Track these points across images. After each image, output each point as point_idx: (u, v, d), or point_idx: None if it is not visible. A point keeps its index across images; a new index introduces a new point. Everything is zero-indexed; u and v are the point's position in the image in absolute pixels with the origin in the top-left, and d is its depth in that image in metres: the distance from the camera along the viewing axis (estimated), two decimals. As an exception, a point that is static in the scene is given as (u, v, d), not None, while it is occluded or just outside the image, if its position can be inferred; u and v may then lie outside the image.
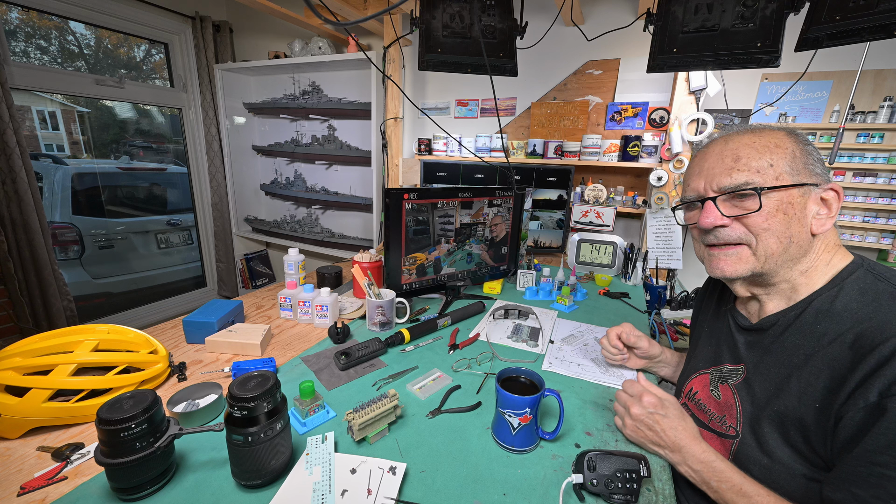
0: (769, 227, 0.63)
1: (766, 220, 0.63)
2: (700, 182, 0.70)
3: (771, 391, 0.64)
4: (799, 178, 0.63)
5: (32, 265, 2.09)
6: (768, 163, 0.63)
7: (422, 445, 0.71)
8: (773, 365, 0.65)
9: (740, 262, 0.67)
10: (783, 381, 0.62)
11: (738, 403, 0.68)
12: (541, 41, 1.77)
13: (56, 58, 2.42)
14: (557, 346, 1.10)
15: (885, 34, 0.87)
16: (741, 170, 0.64)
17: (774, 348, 0.66)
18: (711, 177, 0.68)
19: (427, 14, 1.19)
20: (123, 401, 0.58)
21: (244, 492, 0.61)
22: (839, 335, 0.58)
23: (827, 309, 0.61)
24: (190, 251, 3.21)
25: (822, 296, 0.63)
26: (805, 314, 0.64)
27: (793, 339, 0.64)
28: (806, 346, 0.61)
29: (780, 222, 0.63)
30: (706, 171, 0.69)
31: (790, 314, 0.66)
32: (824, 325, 0.60)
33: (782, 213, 0.63)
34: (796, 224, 0.63)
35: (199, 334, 1.05)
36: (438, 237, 1.33)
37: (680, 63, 1.13)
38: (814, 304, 0.63)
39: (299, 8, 2.30)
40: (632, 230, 2.16)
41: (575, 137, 2.07)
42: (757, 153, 0.64)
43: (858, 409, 0.52)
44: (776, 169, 0.63)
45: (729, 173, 0.65)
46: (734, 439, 0.67)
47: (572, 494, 0.63)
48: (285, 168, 2.96)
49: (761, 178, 0.63)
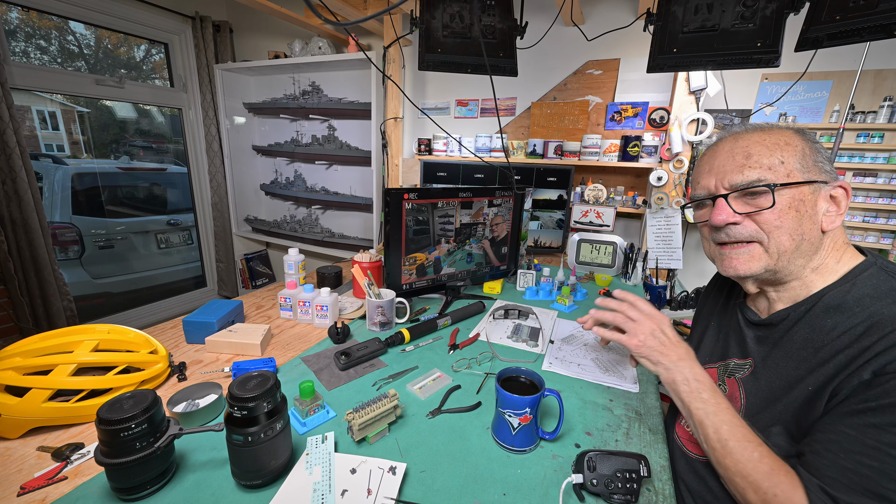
0: (781, 224, 0.63)
1: (779, 218, 0.63)
2: (711, 180, 0.69)
3: (776, 382, 0.64)
4: (809, 176, 0.63)
5: (32, 265, 2.09)
6: (779, 160, 0.63)
7: (422, 445, 0.71)
8: (780, 358, 0.66)
9: (753, 259, 0.67)
10: (791, 373, 0.63)
11: (743, 396, 0.69)
12: (541, 41, 1.77)
13: (56, 58, 2.42)
14: (557, 346, 1.10)
15: (885, 34, 0.87)
16: (753, 167, 0.64)
17: (783, 342, 0.67)
18: (723, 174, 0.67)
19: (427, 14, 1.19)
20: (123, 401, 0.58)
21: (244, 492, 0.61)
22: (850, 328, 0.58)
23: (838, 304, 0.62)
24: (190, 251, 3.21)
25: (834, 291, 0.63)
26: (815, 308, 0.64)
27: (802, 333, 0.64)
28: (816, 339, 0.62)
29: (792, 219, 0.63)
30: (717, 168, 0.69)
31: (800, 309, 0.66)
32: (835, 319, 0.61)
33: (794, 210, 0.63)
34: (808, 221, 0.63)
35: (199, 334, 1.05)
36: (438, 237, 1.33)
37: (680, 63, 1.13)
38: (825, 298, 0.64)
39: (299, 8, 2.30)
40: (632, 230, 2.16)
41: (575, 137, 2.07)
42: (768, 150, 0.64)
43: (852, 385, 0.54)
44: (787, 166, 0.63)
45: (741, 170, 0.65)
46: None
47: (572, 494, 0.62)
48: (285, 168, 2.96)
49: (773, 175, 0.63)
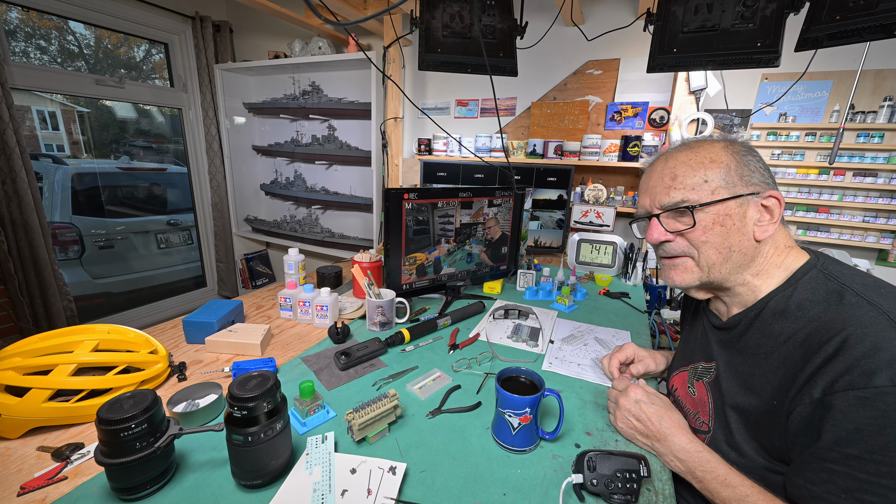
0: (707, 239, 0.66)
1: (704, 234, 0.66)
2: (646, 199, 0.74)
3: (736, 388, 0.66)
4: (735, 191, 0.65)
5: (32, 265, 2.09)
6: (702, 178, 0.66)
7: (422, 445, 0.71)
8: (739, 363, 0.68)
9: (687, 272, 0.71)
10: (748, 379, 0.65)
11: (710, 400, 0.71)
12: (541, 41, 1.77)
13: (56, 58, 2.42)
14: (557, 346, 1.10)
15: (885, 34, 0.87)
16: (677, 188, 0.68)
17: (740, 347, 0.69)
18: (654, 195, 0.71)
19: (427, 14, 1.19)
20: (123, 401, 0.58)
21: (244, 492, 0.61)
22: (792, 335, 0.60)
23: (783, 309, 0.63)
24: (190, 251, 3.21)
25: (778, 296, 0.65)
26: (763, 314, 0.66)
27: (755, 339, 0.66)
28: (765, 345, 0.64)
29: (717, 234, 0.66)
30: (650, 189, 0.73)
31: (750, 314, 0.68)
32: (780, 325, 0.62)
33: (719, 225, 0.65)
34: (736, 234, 0.65)
35: (199, 334, 1.05)
36: (438, 237, 1.33)
37: (680, 63, 1.13)
38: (770, 304, 0.65)
39: (299, 8, 2.30)
40: (631, 230, 2.16)
41: (575, 137, 2.07)
42: (692, 170, 0.67)
43: (805, 404, 0.54)
44: (711, 184, 0.66)
45: (667, 192, 0.69)
46: (707, 434, 0.70)
47: (572, 494, 0.63)
48: (285, 168, 2.96)
49: (696, 195, 0.66)
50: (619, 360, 0.92)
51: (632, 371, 0.92)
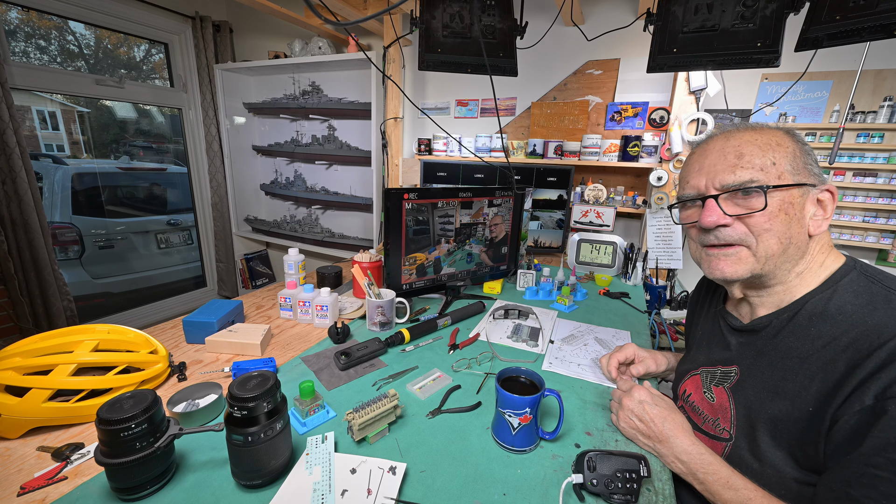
0: (771, 227, 0.62)
1: (769, 221, 0.62)
2: (701, 179, 0.67)
3: (765, 394, 0.63)
4: (799, 178, 0.62)
5: (32, 265, 2.09)
6: (771, 160, 0.62)
7: (422, 445, 0.71)
8: (766, 367, 0.65)
9: (740, 262, 0.65)
10: (778, 384, 0.62)
11: (733, 406, 0.68)
12: (541, 41, 1.77)
13: (56, 58, 2.42)
14: (557, 346, 1.10)
15: (885, 34, 0.87)
16: (745, 167, 0.62)
17: (769, 350, 0.65)
18: (714, 174, 0.65)
19: (427, 14, 1.19)
20: (123, 401, 0.58)
21: (244, 492, 0.61)
22: (834, 338, 0.57)
23: (821, 311, 0.61)
24: (190, 251, 3.21)
25: (816, 297, 0.62)
26: (799, 316, 0.63)
27: (787, 342, 0.63)
28: (801, 348, 0.61)
29: (781, 223, 0.62)
30: (707, 167, 0.67)
31: (783, 316, 0.65)
32: (819, 328, 0.60)
33: (784, 213, 0.61)
34: (796, 225, 0.62)
35: (199, 334, 1.05)
36: (438, 237, 1.33)
37: (680, 63, 1.13)
38: (807, 305, 0.63)
39: (299, 8, 2.30)
40: (632, 230, 2.16)
41: (575, 137, 2.07)
42: (760, 150, 0.63)
43: (854, 412, 0.51)
44: (778, 168, 0.62)
45: (732, 170, 0.63)
46: (727, 442, 0.67)
47: (572, 494, 0.62)
48: (285, 168, 2.95)
49: (765, 177, 0.61)
50: (618, 359, 0.91)
51: (632, 372, 0.92)
